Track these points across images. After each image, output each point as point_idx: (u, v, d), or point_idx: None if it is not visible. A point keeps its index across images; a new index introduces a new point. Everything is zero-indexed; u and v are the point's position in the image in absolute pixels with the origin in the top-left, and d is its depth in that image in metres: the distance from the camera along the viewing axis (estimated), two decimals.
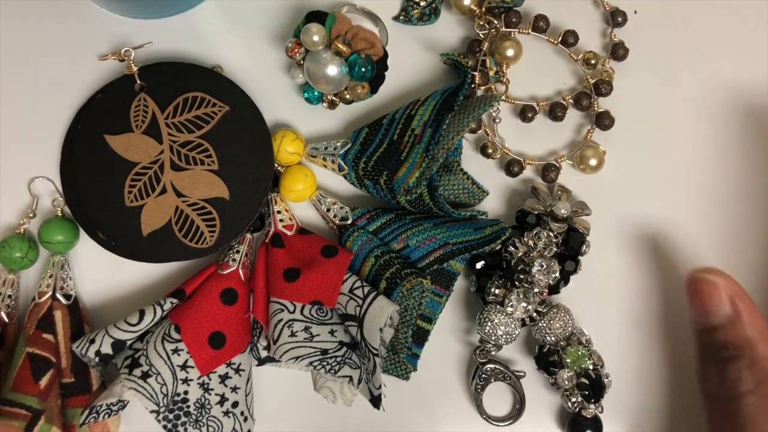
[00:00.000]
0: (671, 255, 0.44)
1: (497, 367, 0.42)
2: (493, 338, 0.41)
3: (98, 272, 0.43)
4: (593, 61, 0.44)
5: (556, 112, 0.44)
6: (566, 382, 0.41)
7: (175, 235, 0.41)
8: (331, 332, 0.40)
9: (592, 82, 0.44)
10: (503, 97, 0.44)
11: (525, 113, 0.44)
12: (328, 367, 0.39)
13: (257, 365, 0.42)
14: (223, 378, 0.40)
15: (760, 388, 0.37)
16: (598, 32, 0.46)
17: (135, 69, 0.42)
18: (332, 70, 0.41)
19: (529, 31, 0.44)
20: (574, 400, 0.41)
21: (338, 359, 0.39)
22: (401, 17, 0.45)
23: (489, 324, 0.41)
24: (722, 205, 0.44)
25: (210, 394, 0.40)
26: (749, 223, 0.44)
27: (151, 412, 0.39)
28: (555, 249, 0.41)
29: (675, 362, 0.43)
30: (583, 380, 0.41)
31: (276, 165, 0.43)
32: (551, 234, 0.41)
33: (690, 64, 0.45)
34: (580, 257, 0.42)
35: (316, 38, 0.40)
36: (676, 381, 0.43)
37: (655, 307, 0.44)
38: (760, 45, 0.46)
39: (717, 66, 0.45)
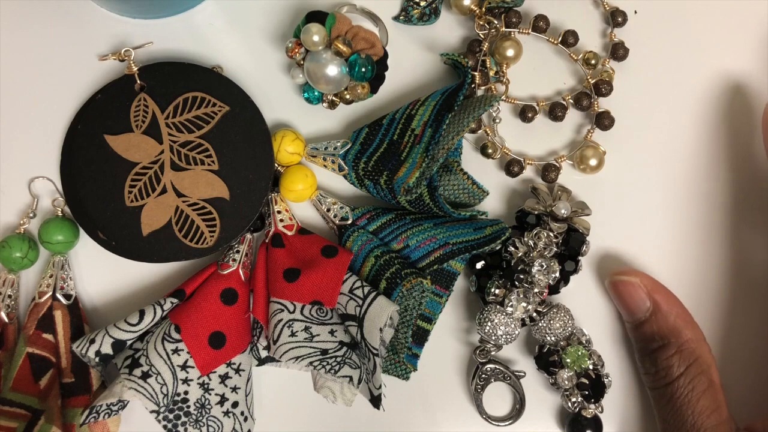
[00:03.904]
0: (671, 254, 0.44)
1: (497, 367, 0.42)
2: (493, 338, 0.41)
3: (98, 272, 0.43)
4: (593, 61, 0.44)
5: (556, 112, 0.44)
6: (566, 382, 0.41)
7: (175, 235, 0.41)
8: (331, 332, 0.40)
9: (592, 82, 0.44)
10: (503, 97, 0.44)
11: (525, 113, 0.44)
12: (328, 367, 0.39)
13: (257, 365, 0.42)
14: (223, 378, 0.40)
15: (689, 370, 0.39)
16: (598, 32, 0.46)
17: (135, 69, 0.42)
18: (332, 70, 0.41)
19: (529, 31, 0.44)
20: (574, 400, 0.41)
21: (338, 359, 0.39)
22: (401, 17, 0.45)
23: (489, 324, 0.41)
24: (723, 202, 0.44)
25: (210, 394, 0.40)
26: (748, 219, 0.44)
27: (151, 412, 0.39)
28: (555, 249, 0.41)
29: None
30: (583, 380, 0.41)
31: (276, 165, 0.43)
32: (551, 234, 0.41)
33: (690, 64, 0.45)
34: (580, 257, 0.42)
35: (316, 38, 0.40)
36: None
37: None
38: (760, 44, 0.46)
39: (717, 65, 0.45)
